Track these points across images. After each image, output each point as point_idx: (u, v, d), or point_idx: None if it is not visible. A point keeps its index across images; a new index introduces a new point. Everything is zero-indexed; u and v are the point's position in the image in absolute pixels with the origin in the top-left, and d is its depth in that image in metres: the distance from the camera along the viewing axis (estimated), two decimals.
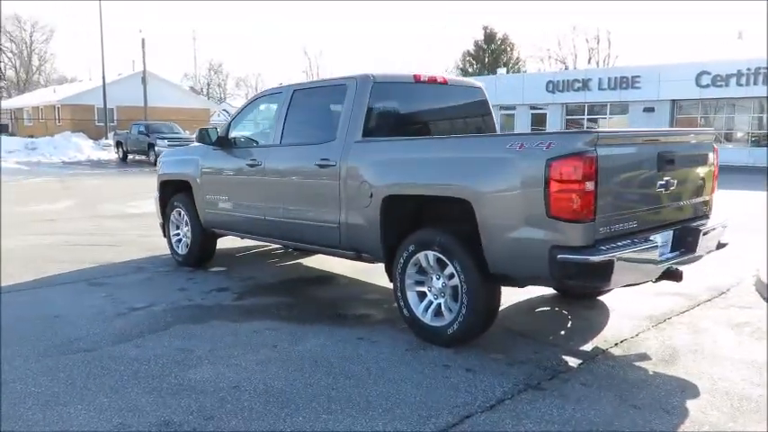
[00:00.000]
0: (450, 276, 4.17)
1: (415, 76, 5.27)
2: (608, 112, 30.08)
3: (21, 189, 17.36)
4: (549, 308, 5.30)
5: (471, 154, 4.07)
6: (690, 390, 3.63)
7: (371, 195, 4.58)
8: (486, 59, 58.46)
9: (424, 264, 4.34)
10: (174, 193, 6.99)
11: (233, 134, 6.24)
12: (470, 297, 4.04)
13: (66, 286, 6.09)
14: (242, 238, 6.44)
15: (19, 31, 76.86)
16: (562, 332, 4.67)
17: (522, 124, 31.69)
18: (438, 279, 4.30)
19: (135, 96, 37.23)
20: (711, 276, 6.19)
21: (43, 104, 45.79)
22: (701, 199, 4.57)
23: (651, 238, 4.00)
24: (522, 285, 4.19)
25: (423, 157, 4.37)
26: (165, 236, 7.22)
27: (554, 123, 30.55)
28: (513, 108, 32.69)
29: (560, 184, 3.51)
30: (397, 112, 5.32)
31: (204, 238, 6.66)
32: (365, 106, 4.87)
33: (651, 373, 3.88)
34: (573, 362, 4.06)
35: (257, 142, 6.05)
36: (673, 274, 4.12)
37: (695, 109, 28.08)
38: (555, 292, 5.49)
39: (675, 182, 4.12)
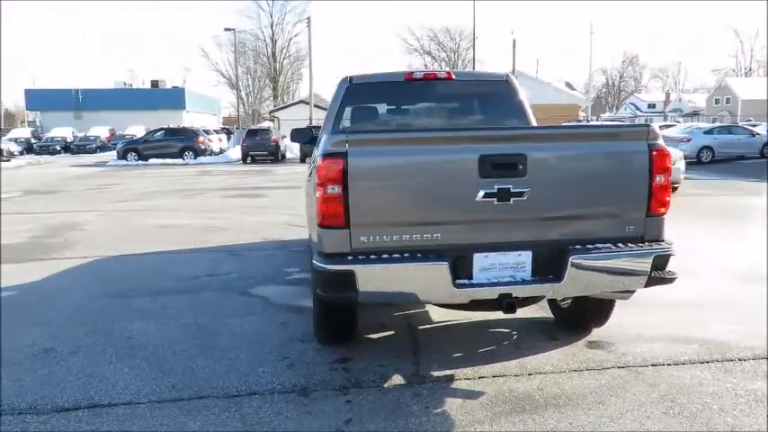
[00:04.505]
0: None
1: (406, 74, 5.21)
2: None
3: None
4: (507, 330, 4.62)
5: (318, 148, 4.07)
6: None
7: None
8: None
9: None
10: None
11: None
12: (312, 297, 4.08)
13: (210, 253, 7.80)
14: None
15: (448, 41, 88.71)
16: (458, 354, 4.16)
17: None
18: None
19: None
20: None
21: None
22: (619, 216, 3.50)
23: (484, 255, 3.40)
24: None
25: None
26: None
27: None
28: None
29: (318, 186, 3.39)
30: (381, 112, 5.33)
31: None
32: (337, 106, 5.12)
33: (438, 411, 3.34)
34: (394, 381, 3.73)
35: None
36: (503, 304, 3.38)
37: None
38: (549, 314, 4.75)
39: (529, 191, 3.33)
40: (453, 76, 5.22)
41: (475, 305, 3.59)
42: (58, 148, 40.15)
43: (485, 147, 3.34)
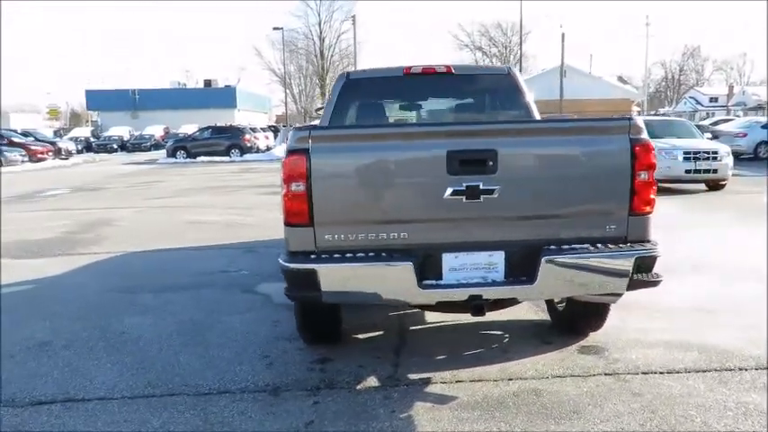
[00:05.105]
0: None
1: (404, 69, 5.09)
2: None
3: None
4: (500, 332, 4.47)
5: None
6: None
7: None
8: None
9: None
10: None
11: None
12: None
13: (228, 249, 7.86)
14: None
15: (500, 36, 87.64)
16: (441, 356, 4.04)
17: None
18: None
19: (554, 90, 38.54)
20: None
21: None
22: (599, 215, 3.31)
23: (454, 256, 3.28)
24: None
25: None
26: None
27: None
28: None
29: (283, 184, 3.34)
30: (379, 107, 5.23)
31: None
32: (334, 101, 5.05)
33: (404, 415, 3.24)
34: (368, 383, 3.65)
35: None
36: (471, 306, 3.25)
37: None
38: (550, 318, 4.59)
39: (500, 188, 3.19)
40: (453, 71, 5.07)
41: (442, 307, 3.48)
42: (115, 147, 41.63)
43: (453, 142, 3.22)
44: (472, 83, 5.19)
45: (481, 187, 3.18)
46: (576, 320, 4.23)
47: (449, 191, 3.18)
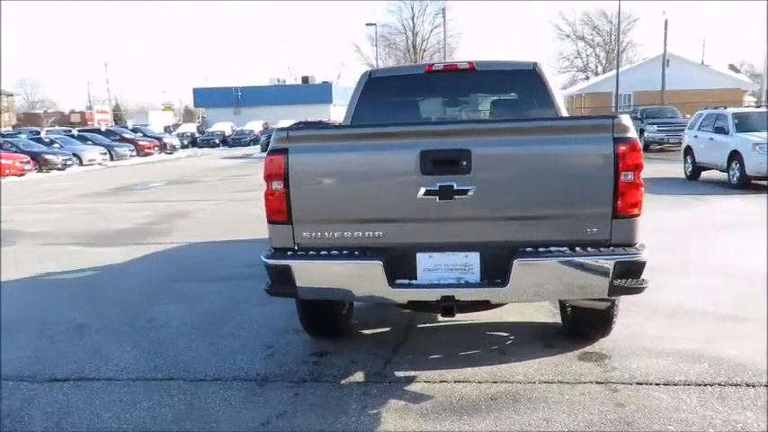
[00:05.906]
0: None
1: (426, 66, 5.09)
2: None
3: None
4: (506, 334, 4.38)
5: None
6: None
7: None
8: None
9: None
10: None
11: None
12: None
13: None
14: None
15: (605, 24, 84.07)
16: (436, 356, 4.03)
17: None
18: None
19: (656, 80, 36.41)
20: None
21: (572, 94, 48.81)
22: (579, 218, 3.19)
23: (428, 256, 3.29)
24: None
25: None
26: None
27: None
28: None
29: (264, 183, 3.46)
30: (400, 104, 5.22)
31: None
32: (357, 99, 5.12)
33: (373, 412, 3.29)
34: (353, 378, 3.72)
35: None
36: (440, 307, 3.23)
37: None
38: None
39: (475, 189, 3.15)
40: (476, 67, 4.99)
41: (416, 307, 3.48)
42: (217, 142, 43.82)
43: (426, 142, 3.21)
44: (495, 79, 5.08)
45: (455, 187, 3.15)
46: (581, 325, 4.09)
47: (422, 191, 3.18)
